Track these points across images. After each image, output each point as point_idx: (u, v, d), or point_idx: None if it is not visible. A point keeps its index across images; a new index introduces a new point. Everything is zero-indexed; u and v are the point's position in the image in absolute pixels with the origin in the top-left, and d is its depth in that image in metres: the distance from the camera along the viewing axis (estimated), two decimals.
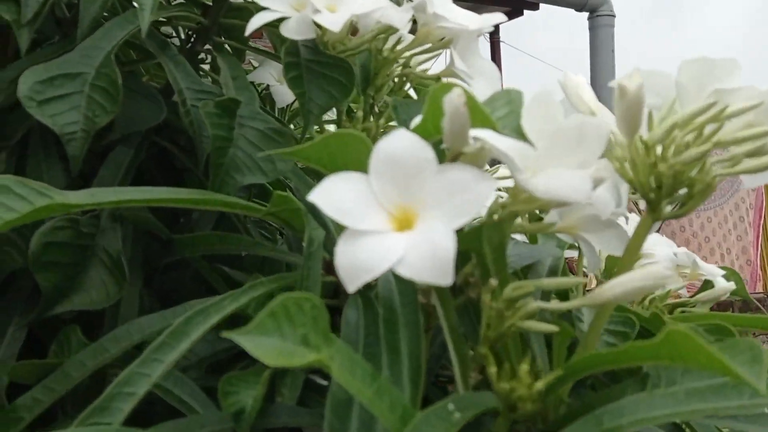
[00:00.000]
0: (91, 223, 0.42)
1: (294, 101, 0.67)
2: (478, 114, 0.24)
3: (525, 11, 3.81)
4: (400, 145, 0.24)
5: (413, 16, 0.44)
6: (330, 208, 0.23)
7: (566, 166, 0.26)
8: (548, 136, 0.27)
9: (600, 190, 0.27)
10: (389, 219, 0.24)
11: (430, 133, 0.26)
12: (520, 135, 0.24)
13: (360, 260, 0.22)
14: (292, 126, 0.71)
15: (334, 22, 0.39)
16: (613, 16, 3.66)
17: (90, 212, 0.47)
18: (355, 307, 0.33)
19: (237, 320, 0.34)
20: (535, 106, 0.27)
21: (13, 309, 0.43)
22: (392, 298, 0.29)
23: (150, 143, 0.51)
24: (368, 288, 0.37)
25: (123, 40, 0.41)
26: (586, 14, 3.67)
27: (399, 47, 0.44)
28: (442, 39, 0.45)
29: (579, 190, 0.24)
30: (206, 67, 0.64)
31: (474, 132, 0.24)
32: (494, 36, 4.16)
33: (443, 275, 0.22)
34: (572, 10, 3.66)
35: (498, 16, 0.43)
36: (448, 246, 0.22)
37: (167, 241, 0.45)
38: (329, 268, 0.38)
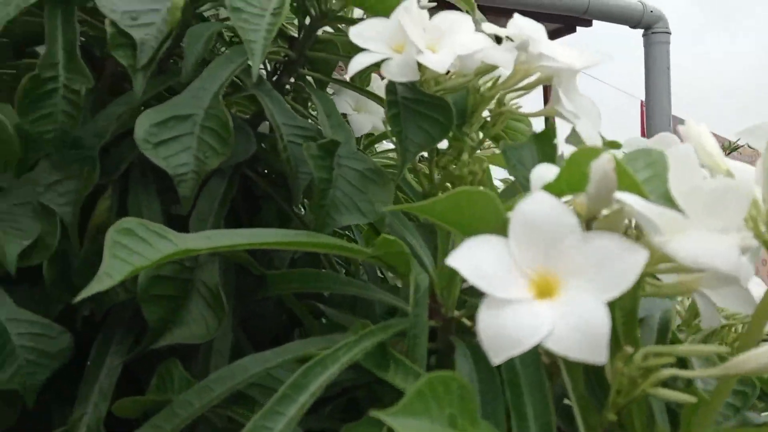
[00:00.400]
0: (191, 257, 0.42)
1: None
2: (624, 179, 0.24)
3: (578, 28, 3.77)
4: (541, 209, 0.24)
5: None
6: (471, 274, 0.23)
7: (706, 229, 0.25)
8: (686, 197, 0.26)
9: (743, 258, 0.26)
10: (530, 285, 0.24)
11: (562, 191, 0.26)
12: (668, 201, 0.23)
13: (507, 333, 0.22)
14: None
15: (440, 64, 0.38)
16: (669, 33, 3.59)
17: None
18: (465, 357, 0.32)
19: None
20: (672, 164, 0.26)
21: (110, 339, 0.44)
22: (513, 358, 0.28)
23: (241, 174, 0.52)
24: (473, 335, 0.36)
25: (229, 80, 0.42)
26: (640, 31, 3.61)
27: (496, 84, 0.44)
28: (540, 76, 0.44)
29: (727, 259, 0.23)
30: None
31: (617, 195, 0.24)
32: None
33: (597, 353, 0.21)
34: (627, 27, 3.60)
35: (596, 57, 0.43)
36: (602, 322, 0.21)
37: (259, 276, 0.46)
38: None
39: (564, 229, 0.24)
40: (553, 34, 4.29)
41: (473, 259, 0.23)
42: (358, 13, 0.58)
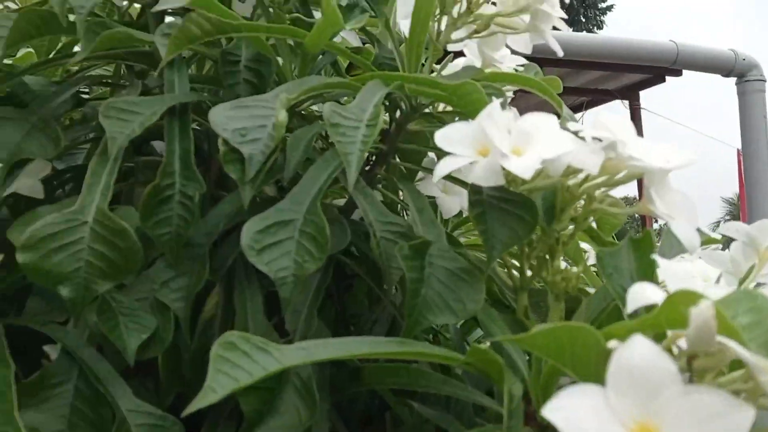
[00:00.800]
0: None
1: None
2: (725, 326, 0.24)
3: (667, 77, 3.69)
4: (640, 357, 0.24)
5: None
6: (567, 428, 0.23)
7: None
8: None
9: None
10: None
11: (661, 327, 0.26)
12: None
13: None
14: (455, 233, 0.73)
15: (524, 169, 0.39)
16: (764, 80, 3.45)
17: (284, 333, 0.50)
18: None
19: None
20: None
21: (215, 428, 0.47)
22: None
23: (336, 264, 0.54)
24: None
25: (327, 185, 0.45)
26: (733, 79, 3.48)
27: (587, 182, 0.44)
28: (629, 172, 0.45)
29: None
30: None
31: (720, 338, 0.24)
32: (634, 103, 4.05)
33: None
34: (718, 75, 3.50)
35: (691, 156, 0.42)
36: None
37: (354, 368, 0.47)
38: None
39: (664, 379, 0.23)
40: (641, 85, 4.22)
41: (569, 411, 0.23)
42: (442, 105, 0.60)
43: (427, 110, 0.57)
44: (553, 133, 0.43)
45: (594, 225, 0.59)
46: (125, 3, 0.71)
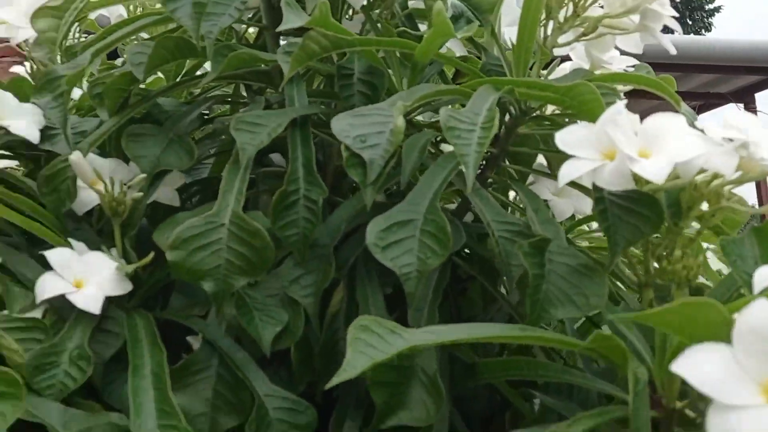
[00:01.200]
0: None
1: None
2: None
3: None
4: (764, 318, 0.24)
5: None
6: (698, 381, 0.24)
7: None
8: None
9: None
10: (758, 391, 0.24)
11: None
12: None
13: None
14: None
15: (656, 174, 0.38)
16: None
17: None
18: None
19: None
20: None
21: (344, 414, 0.49)
22: None
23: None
24: (698, 427, 0.36)
25: (443, 187, 0.47)
26: None
27: (715, 181, 0.43)
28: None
29: None
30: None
31: None
32: (750, 105, 3.83)
33: None
34: None
35: None
36: None
37: (471, 363, 0.48)
38: None
39: None
40: (756, 87, 3.98)
41: (699, 366, 0.24)
42: (551, 108, 0.61)
43: (536, 113, 0.58)
44: (682, 134, 0.41)
45: None
46: (243, 27, 0.76)
